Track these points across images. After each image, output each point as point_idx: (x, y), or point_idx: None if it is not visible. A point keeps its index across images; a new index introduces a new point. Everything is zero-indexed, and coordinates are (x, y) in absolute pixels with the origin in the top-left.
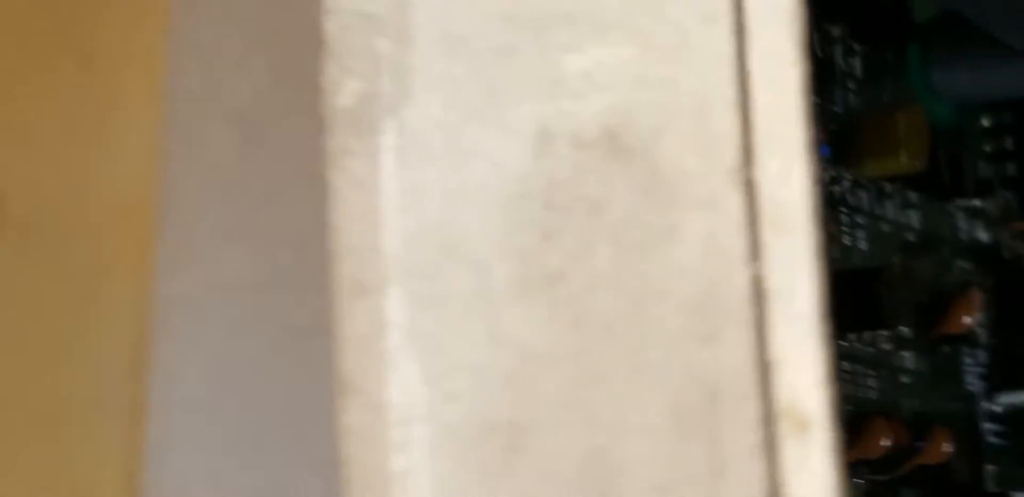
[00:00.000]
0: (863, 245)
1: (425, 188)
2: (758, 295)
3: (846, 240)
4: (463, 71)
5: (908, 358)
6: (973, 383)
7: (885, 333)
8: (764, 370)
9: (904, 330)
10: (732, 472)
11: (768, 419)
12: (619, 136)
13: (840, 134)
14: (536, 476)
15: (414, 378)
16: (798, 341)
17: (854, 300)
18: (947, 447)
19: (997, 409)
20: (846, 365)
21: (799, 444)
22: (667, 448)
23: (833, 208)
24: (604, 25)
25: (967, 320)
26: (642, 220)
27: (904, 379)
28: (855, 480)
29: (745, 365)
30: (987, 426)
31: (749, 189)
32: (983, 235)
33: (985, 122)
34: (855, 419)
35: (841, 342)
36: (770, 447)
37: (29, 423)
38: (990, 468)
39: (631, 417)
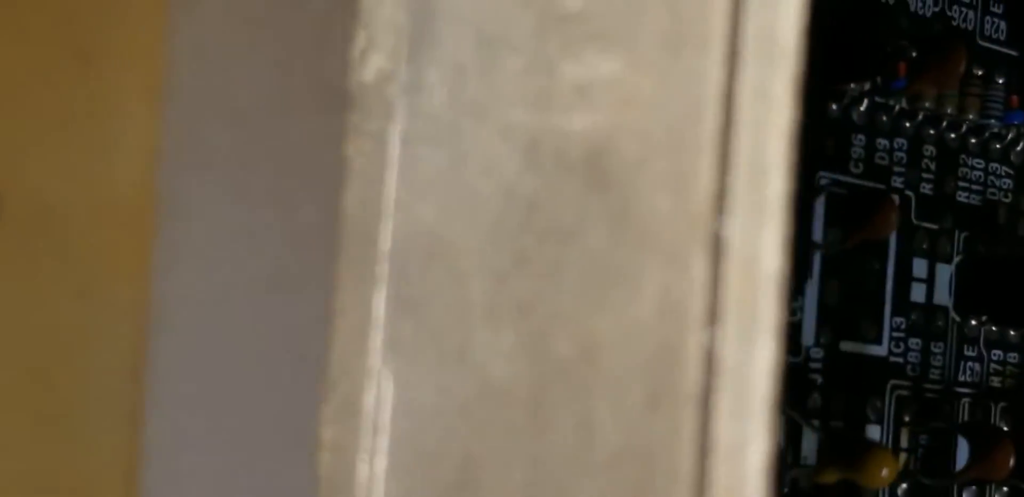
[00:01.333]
0: None
1: (423, 184)
2: (708, 366)
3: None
4: (470, 60)
5: None
6: None
7: None
8: (702, 454)
9: None
10: None
11: None
12: (600, 160)
13: None
14: None
15: (387, 385)
16: (745, 425)
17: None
18: None
19: None
20: (999, 354)
21: None
22: None
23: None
24: (603, 34)
25: None
26: (607, 261)
27: None
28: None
29: (685, 443)
30: None
31: (715, 242)
32: None
33: None
34: (985, 437)
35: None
36: None
37: (27, 422)
38: None
39: (574, 476)
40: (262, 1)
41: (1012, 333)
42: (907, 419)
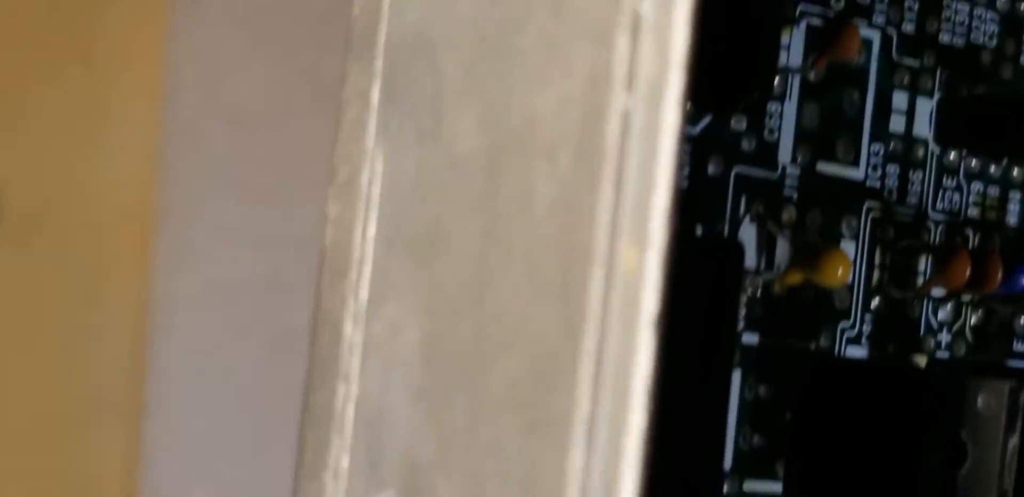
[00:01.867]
0: None
1: None
2: (624, 128)
3: None
4: None
5: None
6: None
7: None
8: (616, 203)
9: None
10: None
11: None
12: None
13: None
14: (446, 273)
15: (378, 164)
16: (651, 178)
17: (990, 125)
18: None
19: None
20: (994, 190)
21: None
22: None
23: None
24: None
25: None
26: (548, 42)
27: None
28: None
29: (603, 195)
30: None
31: (635, 20)
32: None
33: None
34: (947, 251)
35: (992, 165)
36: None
37: (28, 422)
38: None
39: (519, 227)
40: (262, 1)
41: (993, 168)
42: (880, 238)
